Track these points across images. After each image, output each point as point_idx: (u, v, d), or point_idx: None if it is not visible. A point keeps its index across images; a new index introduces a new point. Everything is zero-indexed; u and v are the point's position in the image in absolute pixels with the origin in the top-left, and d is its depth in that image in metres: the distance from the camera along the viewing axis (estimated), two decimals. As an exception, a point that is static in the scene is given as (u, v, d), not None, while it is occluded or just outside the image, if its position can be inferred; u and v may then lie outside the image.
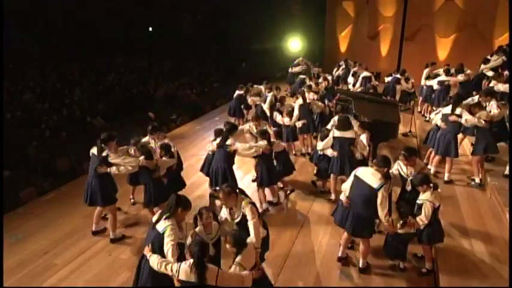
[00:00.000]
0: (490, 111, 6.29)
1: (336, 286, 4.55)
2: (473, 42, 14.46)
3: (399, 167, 4.96)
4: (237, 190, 4.12)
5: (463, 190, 6.47)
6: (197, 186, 6.97)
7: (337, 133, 6.01)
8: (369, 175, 4.33)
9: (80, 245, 5.42)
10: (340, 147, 6.01)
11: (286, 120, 7.73)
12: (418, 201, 4.46)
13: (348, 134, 5.96)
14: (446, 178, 6.74)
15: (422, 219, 4.35)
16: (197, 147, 9.09)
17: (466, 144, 7.67)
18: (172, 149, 5.82)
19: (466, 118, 6.28)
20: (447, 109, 6.60)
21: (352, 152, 5.92)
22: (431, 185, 4.45)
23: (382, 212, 4.22)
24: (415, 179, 4.60)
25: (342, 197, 4.66)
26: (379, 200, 4.21)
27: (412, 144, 8.91)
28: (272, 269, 4.74)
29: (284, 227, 5.77)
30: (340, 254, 4.95)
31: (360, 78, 11.47)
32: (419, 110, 10.98)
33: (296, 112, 7.74)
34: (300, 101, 8.01)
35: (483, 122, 6.17)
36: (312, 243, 5.37)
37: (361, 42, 17.55)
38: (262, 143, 5.83)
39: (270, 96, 8.73)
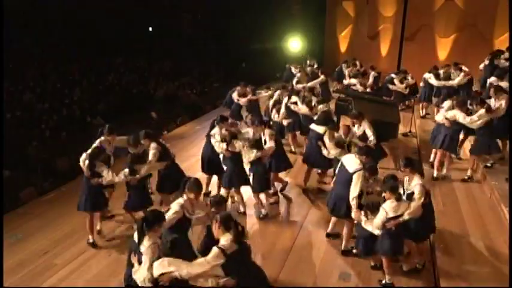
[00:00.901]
0: (451, 113, 6.38)
1: (336, 286, 4.56)
2: (473, 42, 14.40)
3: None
4: (232, 223, 3.36)
5: (463, 190, 6.48)
6: (197, 186, 6.96)
7: (312, 126, 6.42)
8: (350, 161, 4.79)
9: (80, 245, 5.42)
10: (310, 139, 6.53)
11: (275, 118, 7.97)
12: None
13: (318, 129, 6.22)
14: (443, 173, 6.92)
15: (373, 224, 4.24)
16: (197, 147, 9.03)
17: (466, 145, 7.66)
18: (151, 157, 5.36)
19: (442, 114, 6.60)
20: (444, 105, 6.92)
21: (318, 146, 6.09)
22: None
23: (351, 194, 4.54)
24: (385, 184, 4.37)
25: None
26: (352, 183, 4.56)
27: (412, 144, 8.93)
28: (272, 268, 4.74)
29: (284, 226, 5.79)
30: (329, 230, 5.39)
31: (371, 78, 11.44)
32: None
33: (282, 110, 8.01)
34: (286, 99, 8.28)
35: (445, 120, 6.46)
36: (312, 242, 5.38)
37: (361, 42, 17.51)
38: (222, 145, 5.79)
39: (276, 94, 8.84)
